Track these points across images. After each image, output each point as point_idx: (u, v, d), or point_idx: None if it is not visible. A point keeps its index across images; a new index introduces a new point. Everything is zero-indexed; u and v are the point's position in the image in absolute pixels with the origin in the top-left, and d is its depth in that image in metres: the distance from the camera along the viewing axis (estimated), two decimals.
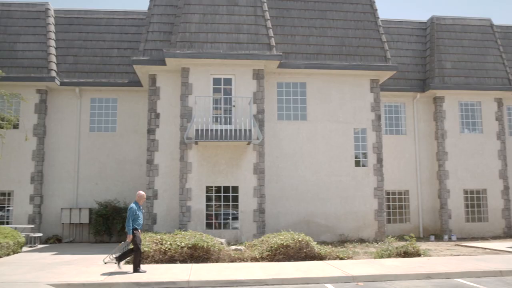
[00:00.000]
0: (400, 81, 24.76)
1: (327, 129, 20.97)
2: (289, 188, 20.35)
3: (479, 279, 11.54)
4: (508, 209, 24.51)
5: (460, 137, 24.51)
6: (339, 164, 20.79)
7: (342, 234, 20.37)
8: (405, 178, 24.39)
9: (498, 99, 25.11)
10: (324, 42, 21.58)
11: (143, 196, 12.75)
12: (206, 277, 11.35)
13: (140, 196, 12.69)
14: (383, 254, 15.04)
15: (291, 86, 21.14)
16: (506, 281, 11.32)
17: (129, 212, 12.34)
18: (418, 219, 24.21)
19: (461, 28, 25.95)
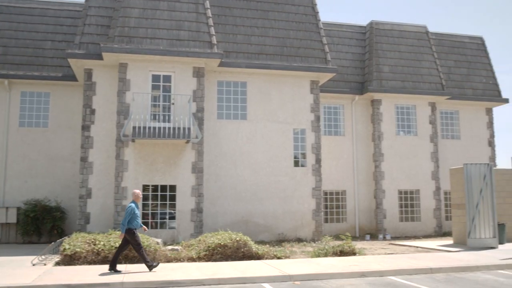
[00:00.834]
0: (340, 83, 25.16)
1: (267, 129, 20.97)
2: (228, 187, 20.19)
3: (410, 276, 11.83)
4: (439, 209, 25.44)
5: (396, 139, 25.21)
6: (278, 164, 20.85)
7: (280, 234, 20.43)
8: (342, 178, 24.81)
9: (431, 103, 26.03)
10: (266, 42, 21.58)
11: (139, 194, 12.61)
12: (141, 278, 11.00)
13: (137, 195, 12.54)
14: (320, 253, 15.16)
15: (231, 85, 20.99)
16: (435, 277, 11.66)
17: (127, 211, 12.05)
18: (354, 219, 24.69)
19: (399, 33, 26.72)
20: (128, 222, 12.03)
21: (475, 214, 17.69)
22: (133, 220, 12.09)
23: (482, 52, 29.05)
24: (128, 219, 12.01)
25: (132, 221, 12.07)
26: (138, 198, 12.57)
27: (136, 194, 12.56)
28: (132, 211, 12.09)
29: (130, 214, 12.04)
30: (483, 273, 12.35)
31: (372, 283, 10.92)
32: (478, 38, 29.37)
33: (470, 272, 12.51)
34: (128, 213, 12.04)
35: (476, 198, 17.80)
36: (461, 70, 28.01)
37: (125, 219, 11.99)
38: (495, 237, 17.58)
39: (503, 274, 12.23)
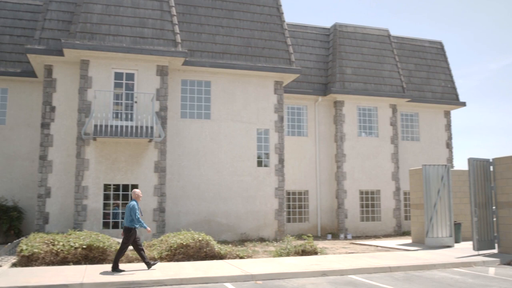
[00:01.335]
0: (303, 84, 25.39)
1: (231, 128, 20.97)
2: (191, 187, 20.09)
3: (370, 275, 12.04)
4: (398, 209, 26.00)
5: (358, 140, 25.62)
6: (242, 164, 20.88)
7: (243, 233, 20.46)
8: (305, 178, 25.04)
9: (392, 105, 26.57)
10: (230, 41, 21.57)
11: (140, 193, 12.57)
12: (102, 279, 10.82)
13: (137, 194, 12.47)
14: (282, 253, 15.26)
15: (195, 84, 20.90)
16: (394, 276, 11.91)
17: (133, 210, 11.96)
18: (316, 219, 24.96)
19: (362, 36, 27.17)
20: (130, 221, 12.01)
21: (433, 214, 18.16)
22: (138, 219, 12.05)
23: (441, 57, 29.84)
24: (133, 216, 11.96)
25: (138, 220, 12.04)
26: (139, 197, 12.52)
27: (136, 193, 12.49)
28: (133, 207, 12.05)
29: (136, 210, 12.01)
30: (440, 271, 12.70)
31: (333, 282, 11.07)
32: (437, 42, 30.15)
33: (427, 270, 12.83)
34: (136, 209, 12.01)
35: (434, 198, 18.28)
36: (421, 73, 28.70)
37: (136, 214, 11.94)
38: (451, 236, 18.09)
39: (459, 271, 12.60)
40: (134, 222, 11.99)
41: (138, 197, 12.49)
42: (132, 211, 11.99)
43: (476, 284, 10.68)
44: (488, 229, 16.04)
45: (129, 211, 12.04)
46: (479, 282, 10.94)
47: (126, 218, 12.09)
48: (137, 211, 12.01)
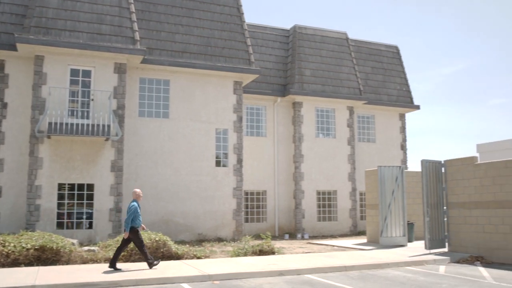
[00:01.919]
0: (263, 84, 25.51)
1: (190, 128, 20.86)
2: (149, 186, 19.86)
3: (326, 274, 12.22)
4: (354, 209, 26.47)
5: (316, 141, 25.94)
6: (200, 164, 20.80)
7: (200, 234, 20.38)
8: (263, 178, 25.16)
9: (350, 107, 27.03)
10: (190, 40, 21.45)
11: (140, 193, 12.65)
12: (55, 281, 10.54)
13: (138, 194, 12.55)
14: (240, 253, 15.28)
15: (154, 83, 20.68)
16: (349, 275, 12.13)
17: (131, 210, 12.04)
18: (274, 219, 25.12)
19: (321, 38, 27.51)
20: (133, 220, 12.06)
21: (387, 214, 18.59)
22: (136, 219, 12.12)
23: (397, 61, 30.58)
24: (132, 217, 12.00)
25: (135, 220, 12.09)
26: (139, 197, 12.58)
27: (137, 193, 12.56)
28: (135, 209, 12.10)
29: (134, 212, 12.04)
30: (393, 270, 13.01)
31: (289, 282, 11.17)
32: (393, 47, 30.88)
33: (381, 269, 13.13)
34: (132, 211, 12.03)
35: (389, 198, 18.72)
36: (377, 76, 29.32)
37: (129, 217, 11.98)
38: (405, 236, 18.57)
39: (411, 270, 12.95)
40: (135, 221, 12.09)
41: (138, 197, 12.55)
42: (129, 210, 12.10)
43: (427, 282, 11.00)
44: (440, 229, 16.54)
45: (131, 212, 12.13)
46: (430, 280, 11.28)
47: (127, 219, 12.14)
48: (133, 213, 12.03)
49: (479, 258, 14.73)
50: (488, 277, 11.59)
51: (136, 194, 12.56)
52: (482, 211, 15.08)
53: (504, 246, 14.36)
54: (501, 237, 14.46)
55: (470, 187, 15.54)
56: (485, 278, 11.52)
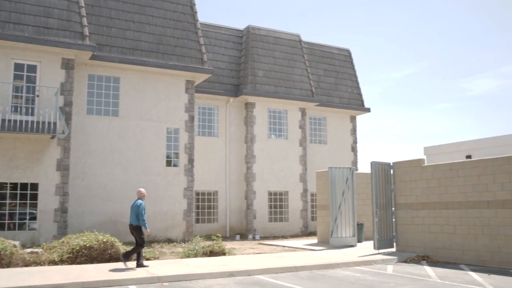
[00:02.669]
0: (215, 84, 25.34)
1: (140, 127, 20.43)
2: (97, 186, 19.30)
3: (277, 275, 12.20)
4: (305, 210, 26.69)
5: (268, 142, 25.99)
6: (151, 163, 20.40)
7: (150, 234, 19.97)
8: (215, 179, 24.98)
9: (302, 108, 27.24)
10: (142, 38, 21.01)
11: (145, 192, 13.20)
12: None
13: (143, 193, 13.08)
14: (190, 254, 15.07)
15: (103, 80, 20.13)
16: (300, 275, 12.16)
17: (140, 208, 12.57)
18: (225, 219, 24.98)
19: (274, 40, 27.60)
20: (137, 219, 12.57)
21: (338, 214, 18.81)
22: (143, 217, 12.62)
23: (349, 64, 31.09)
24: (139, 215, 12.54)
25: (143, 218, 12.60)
26: (144, 196, 13.11)
27: (142, 192, 13.07)
28: (144, 207, 12.70)
29: (143, 209, 12.62)
30: (343, 270, 13.14)
31: (240, 283, 11.08)
32: (345, 50, 31.36)
33: (331, 269, 13.23)
34: (143, 208, 12.62)
35: (339, 199, 18.94)
36: (329, 79, 29.70)
37: (143, 215, 12.52)
38: (354, 236, 18.84)
39: (360, 270, 13.12)
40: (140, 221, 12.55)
41: (144, 196, 13.04)
42: (138, 209, 12.56)
43: (376, 281, 11.16)
44: (388, 229, 16.87)
45: (136, 209, 12.59)
46: (378, 279, 11.44)
47: (132, 216, 12.64)
48: (143, 211, 12.58)
49: (425, 257, 15.11)
50: (433, 276, 11.88)
51: (141, 193, 13.05)
52: (428, 211, 15.48)
53: (448, 245, 14.78)
54: (446, 237, 14.88)
55: (417, 189, 15.93)
56: (430, 276, 11.81)
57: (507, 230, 13.23)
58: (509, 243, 13.15)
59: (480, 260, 13.85)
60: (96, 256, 13.58)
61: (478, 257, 13.91)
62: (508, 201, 13.21)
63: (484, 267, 13.42)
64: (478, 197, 14.01)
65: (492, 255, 13.56)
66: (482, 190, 13.93)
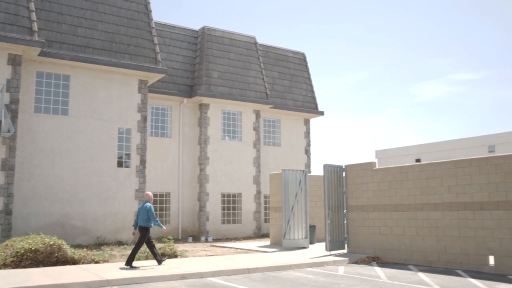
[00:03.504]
0: (169, 84, 25.02)
1: (90, 126, 19.91)
2: (44, 187, 18.66)
3: (229, 277, 12.13)
4: (259, 212, 26.72)
5: (221, 144, 25.87)
6: (101, 164, 19.91)
7: (100, 237, 19.49)
8: (167, 180, 24.65)
9: (256, 111, 27.28)
10: (94, 35, 20.50)
11: (152, 195, 13.77)
12: None
13: (150, 196, 13.64)
14: (141, 257, 14.76)
15: (53, 78, 19.51)
16: (252, 277, 12.14)
17: (151, 210, 13.16)
18: (178, 221, 24.69)
19: (229, 41, 27.53)
20: (146, 221, 13.14)
21: (290, 216, 18.91)
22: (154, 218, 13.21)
23: (303, 67, 31.38)
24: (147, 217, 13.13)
25: (149, 220, 13.17)
26: (151, 199, 13.65)
27: (150, 195, 13.65)
28: (152, 208, 13.24)
29: (153, 210, 13.25)
30: (295, 271, 13.20)
31: (191, 285, 10.94)
32: (300, 53, 31.66)
33: (283, 271, 13.27)
34: (153, 210, 13.23)
35: (292, 201, 19.06)
36: (284, 82, 29.89)
37: (154, 217, 13.16)
38: (307, 238, 18.99)
39: (312, 271, 13.22)
40: (151, 222, 13.13)
41: (151, 199, 13.60)
42: (149, 211, 13.11)
43: (327, 282, 11.26)
44: (340, 231, 17.09)
45: (146, 211, 13.11)
46: (329, 280, 11.55)
47: (142, 218, 13.14)
48: (153, 212, 13.17)
49: (376, 258, 15.39)
50: (383, 277, 12.11)
51: (149, 196, 13.62)
52: (379, 214, 15.78)
53: (397, 247, 15.11)
54: (395, 238, 15.21)
55: (368, 191, 16.21)
56: (380, 277, 12.02)
57: (453, 231, 13.65)
58: (455, 244, 13.57)
59: (427, 260, 14.23)
60: (42, 259, 13.11)
61: (426, 258, 14.29)
62: (454, 204, 13.63)
63: (431, 267, 13.80)
64: (426, 199, 14.39)
65: (439, 256, 13.95)
66: (430, 193, 14.32)
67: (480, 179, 13.11)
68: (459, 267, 13.39)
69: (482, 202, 13.00)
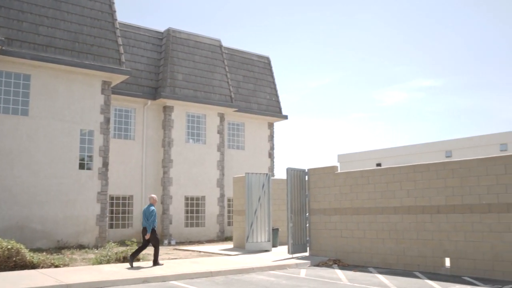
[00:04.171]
0: (133, 86, 24.79)
1: (52, 127, 19.54)
2: (1, 189, 18.20)
3: (192, 280, 12.12)
4: (222, 215, 26.73)
5: (185, 147, 25.78)
6: (62, 166, 19.56)
7: (60, 240, 19.13)
8: (130, 183, 24.39)
9: (220, 114, 27.31)
10: (56, 34, 20.14)
11: (156, 198, 14.63)
12: None
13: (155, 199, 14.44)
14: (103, 260, 14.60)
15: (12, 77, 19.06)
16: (215, 280, 12.16)
17: (153, 213, 13.86)
18: (140, 224, 24.41)
19: (194, 44, 27.45)
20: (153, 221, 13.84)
21: (254, 219, 19.01)
22: (154, 221, 13.94)
23: (268, 71, 31.60)
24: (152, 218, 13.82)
25: (154, 221, 13.90)
26: (156, 201, 14.42)
27: (154, 198, 14.44)
28: (155, 213, 14.00)
29: (155, 215, 13.98)
30: (258, 274, 13.29)
31: None
32: (265, 57, 31.86)
33: (246, 274, 13.34)
34: (155, 214, 13.94)
35: (255, 205, 19.16)
36: (248, 85, 30.02)
37: (154, 221, 13.87)
38: (269, 241, 19.13)
39: (274, 274, 13.34)
40: (155, 222, 13.90)
41: (155, 201, 14.34)
42: (151, 213, 13.83)
43: (289, 285, 11.40)
44: (302, 234, 17.28)
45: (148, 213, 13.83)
46: (291, 283, 11.70)
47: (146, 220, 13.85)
48: (155, 217, 13.92)
49: (337, 261, 15.64)
50: (343, 279, 12.33)
51: (154, 199, 14.36)
52: (340, 217, 16.05)
53: (358, 249, 15.40)
54: (356, 241, 15.50)
55: (330, 195, 16.47)
56: (341, 279, 12.24)
57: (411, 234, 14.02)
58: (413, 246, 13.94)
59: (387, 263, 14.56)
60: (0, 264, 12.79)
61: (385, 260, 14.62)
62: (413, 207, 14.01)
63: (391, 269, 14.13)
64: (386, 203, 14.73)
65: (398, 258, 14.30)
66: (390, 197, 14.66)
67: (438, 183, 13.52)
68: (417, 269, 13.76)
69: (439, 206, 13.41)
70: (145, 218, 13.87)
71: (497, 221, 12.19)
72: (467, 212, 12.79)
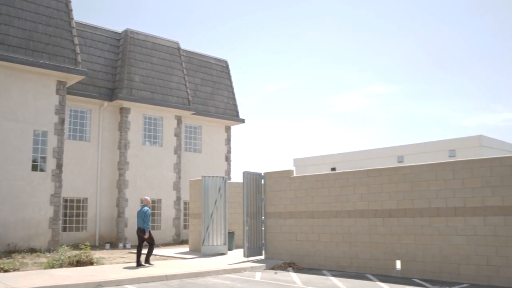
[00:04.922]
0: (89, 87, 24.39)
1: (3, 128, 19.02)
2: None
3: (147, 284, 12.07)
4: (178, 218, 26.61)
5: (142, 149, 25.55)
6: (14, 167, 19.05)
7: (10, 244, 18.61)
8: (85, 185, 23.97)
9: (178, 116, 27.21)
10: (9, 32, 19.62)
11: (149, 200, 15.58)
12: None
13: (149, 201, 15.34)
14: (55, 264, 14.33)
15: None
16: (170, 284, 12.16)
17: (148, 214, 14.65)
18: (95, 227, 24.05)
19: (152, 45, 27.26)
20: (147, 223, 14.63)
21: (210, 223, 19.05)
22: (149, 221, 14.70)
23: (226, 75, 31.70)
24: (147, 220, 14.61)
25: (148, 221, 14.68)
26: (149, 203, 15.23)
27: (148, 200, 15.33)
28: (150, 213, 14.73)
29: (150, 215, 14.73)
30: (213, 278, 13.36)
31: None
32: (223, 61, 31.95)
33: (202, 277, 13.38)
34: (149, 215, 14.70)
35: (212, 208, 19.20)
36: (206, 88, 30.04)
37: (149, 221, 14.64)
38: (225, 244, 19.20)
39: (230, 277, 13.44)
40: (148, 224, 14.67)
41: (149, 203, 15.24)
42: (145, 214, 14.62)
43: None
44: (258, 237, 17.44)
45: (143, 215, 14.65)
46: (246, 286, 11.82)
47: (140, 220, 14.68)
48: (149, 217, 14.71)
49: (292, 264, 15.87)
50: (298, 282, 12.55)
51: (148, 201, 15.27)
52: (295, 220, 16.30)
53: (312, 252, 15.69)
54: (310, 244, 15.78)
55: (286, 198, 16.70)
56: (295, 282, 12.46)
57: (363, 237, 14.40)
58: (366, 249, 14.33)
59: (340, 266, 14.90)
60: None
61: (339, 263, 14.95)
62: (366, 211, 14.40)
63: (344, 272, 14.47)
64: (340, 207, 15.08)
65: (351, 261, 14.66)
66: (343, 201, 15.02)
67: (390, 187, 13.95)
68: (369, 271, 14.14)
69: (391, 210, 13.84)
70: (141, 219, 14.63)
71: (445, 225, 12.70)
72: (417, 216, 13.25)
